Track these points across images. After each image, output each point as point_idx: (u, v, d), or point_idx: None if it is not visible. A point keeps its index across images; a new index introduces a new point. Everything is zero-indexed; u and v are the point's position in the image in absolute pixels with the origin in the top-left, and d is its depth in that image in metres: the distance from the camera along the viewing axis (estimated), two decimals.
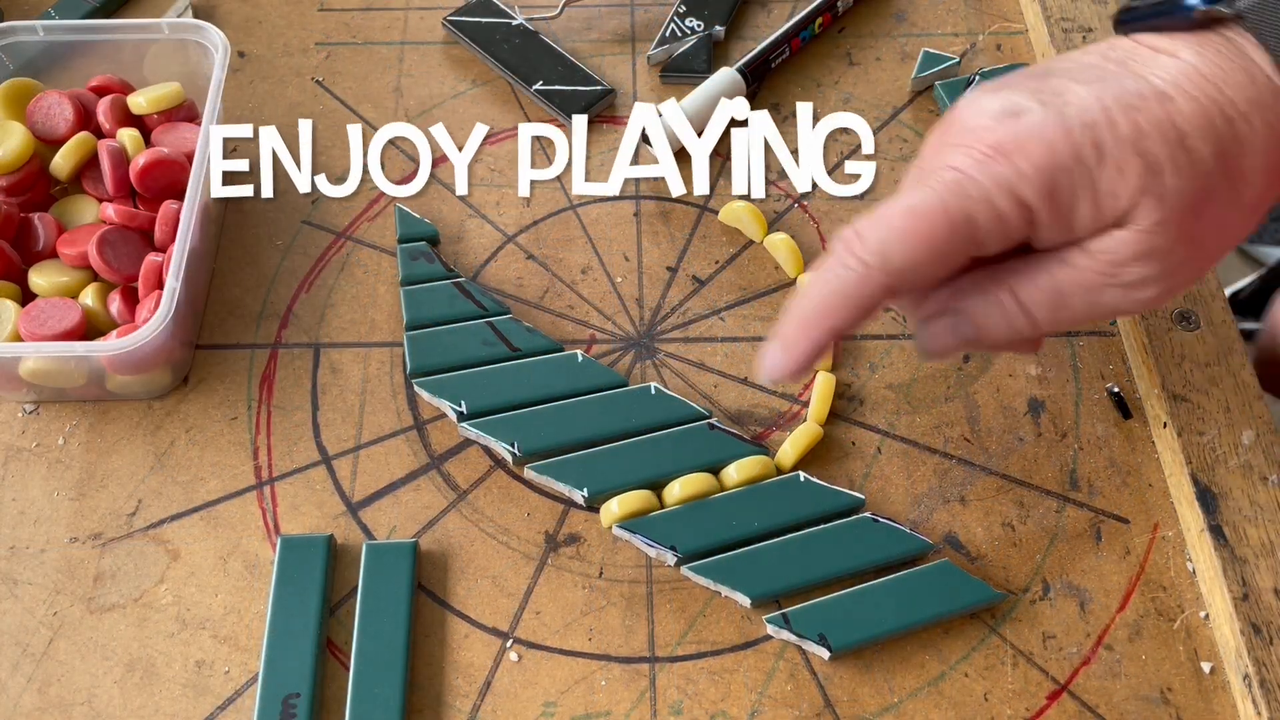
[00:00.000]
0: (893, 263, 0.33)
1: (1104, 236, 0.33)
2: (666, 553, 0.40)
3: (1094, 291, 0.34)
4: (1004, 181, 0.32)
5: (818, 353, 0.35)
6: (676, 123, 0.50)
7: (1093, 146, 0.32)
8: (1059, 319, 0.35)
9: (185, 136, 0.48)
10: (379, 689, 0.37)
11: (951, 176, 0.33)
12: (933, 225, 0.33)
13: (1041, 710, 0.38)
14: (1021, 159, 0.32)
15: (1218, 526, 0.40)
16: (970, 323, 0.35)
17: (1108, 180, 0.32)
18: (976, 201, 0.32)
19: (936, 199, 0.33)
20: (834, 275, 0.34)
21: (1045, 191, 0.32)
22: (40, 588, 0.40)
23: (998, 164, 0.32)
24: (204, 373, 0.45)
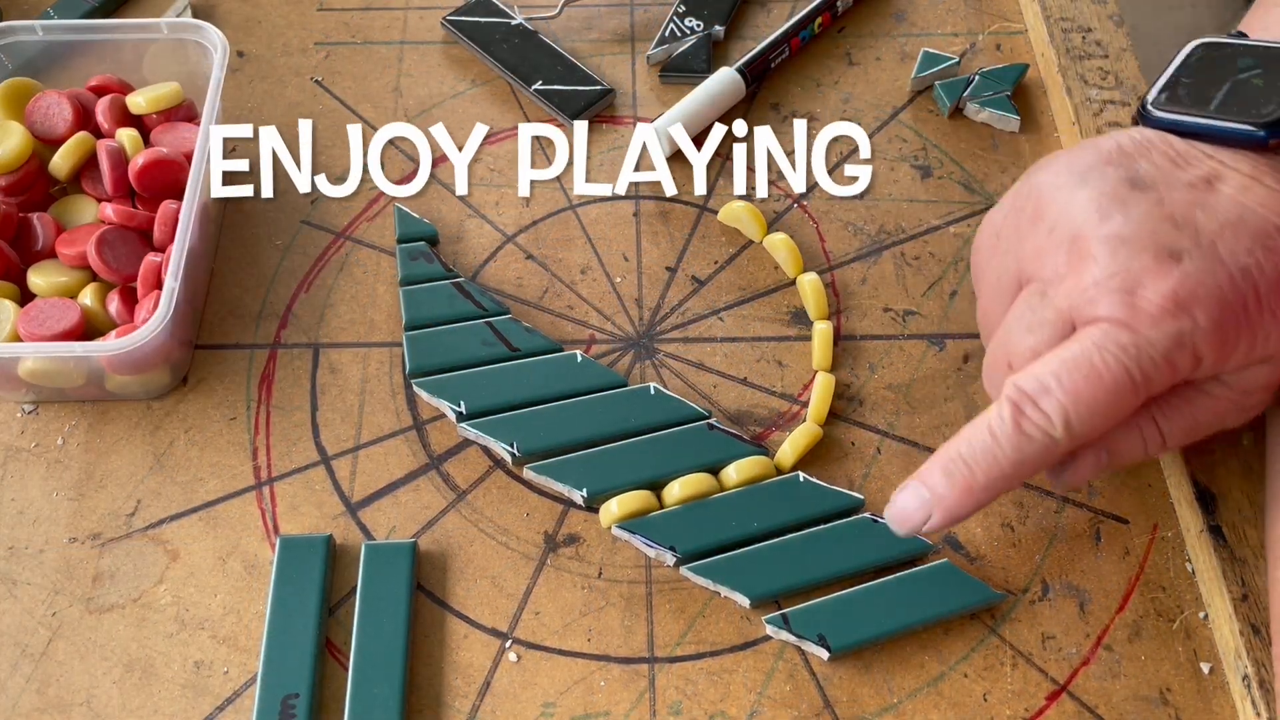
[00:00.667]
0: (1078, 433, 0.32)
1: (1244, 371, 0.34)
2: (666, 553, 0.40)
3: (1224, 416, 0.35)
4: (1186, 338, 0.32)
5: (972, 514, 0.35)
6: (677, 137, 0.50)
7: (1253, 294, 0.32)
8: (1190, 439, 0.36)
9: (184, 136, 0.48)
10: (378, 689, 0.37)
11: (1130, 339, 0.32)
12: (1119, 392, 0.32)
13: (1041, 710, 0.38)
14: (1199, 312, 0.32)
15: (1217, 527, 0.40)
16: (1109, 452, 0.35)
17: (1265, 325, 0.32)
18: (1159, 363, 0.32)
19: (1121, 367, 0.32)
20: (1012, 443, 0.33)
21: (1219, 343, 0.32)
22: (39, 588, 0.40)
23: (1177, 320, 0.32)
24: (203, 373, 0.45)
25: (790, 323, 0.47)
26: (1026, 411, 0.32)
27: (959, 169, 0.51)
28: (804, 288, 0.47)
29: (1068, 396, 0.32)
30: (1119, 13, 0.55)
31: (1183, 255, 0.32)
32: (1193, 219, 0.33)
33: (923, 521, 0.35)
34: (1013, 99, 0.52)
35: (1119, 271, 0.32)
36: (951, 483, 0.34)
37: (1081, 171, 0.35)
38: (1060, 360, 0.33)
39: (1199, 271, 0.32)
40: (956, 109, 0.53)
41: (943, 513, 0.34)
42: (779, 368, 0.46)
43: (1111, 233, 0.33)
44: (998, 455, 0.33)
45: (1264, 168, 0.34)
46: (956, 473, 0.34)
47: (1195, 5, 1.57)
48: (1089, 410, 0.32)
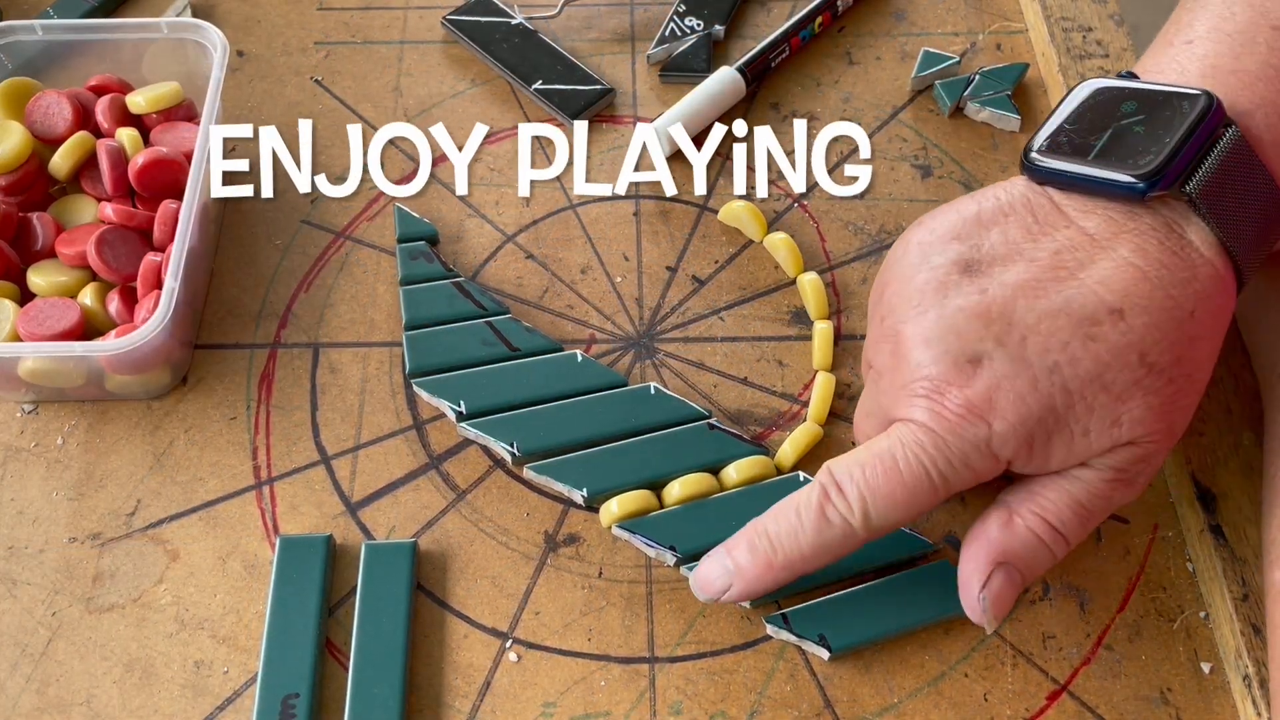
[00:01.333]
0: (874, 524, 0.34)
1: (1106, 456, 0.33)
2: (666, 553, 0.40)
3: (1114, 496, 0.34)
4: (981, 444, 0.32)
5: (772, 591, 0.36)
6: (677, 136, 0.50)
7: (1062, 392, 0.32)
8: (1085, 531, 0.35)
9: (184, 136, 0.48)
10: (378, 689, 0.37)
11: (930, 441, 0.33)
12: (918, 489, 0.33)
13: (1041, 710, 0.38)
14: (996, 419, 0.32)
15: (1217, 526, 0.40)
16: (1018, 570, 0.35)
17: (1080, 421, 0.32)
18: (956, 466, 0.33)
19: (919, 466, 0.33)
20: (814, 527, 0.34)
21: (1021, 446, 0.33)
22: (39, 588, 0.40)
23: (974, 426, 0.32)
24: (203, 372, 0.45)
25: (791, 322, 0.47)
26: (831, 497, 0.34)
27: (959, 169, 0.51)
28: (804, 287, 0.47)
29: (869, 489, 0.33)
30: (1119, 12, 0.55)
31: (983, 360, 0.32)
32: (1010, 313, 0.32)
33: (723, 590, 0.36)
34: (1013, 98, 0.52)
35: (924, 377, 0.33)
36: (754, 558, 0.35)
37: (926, 248, 0.35)
38: (868, 452, 0.34)
39: (998, 376, 0.32)
40: (957, 108, 0.53)
41: (741, 584, 0.36)
42: (779, 367, 0.46)
43: (921, 333, 0.34)
44: (799, 537, 0.35)
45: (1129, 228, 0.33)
46: (760, 548, 0.35)
47: None
48: (886, 504, 0.33)
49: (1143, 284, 0.32)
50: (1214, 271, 0.33)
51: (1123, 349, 0.32)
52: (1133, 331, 0.32)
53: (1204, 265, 0.33)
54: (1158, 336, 0.32)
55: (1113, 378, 0.32)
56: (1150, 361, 0.32)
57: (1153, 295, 0.32)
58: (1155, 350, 0.32)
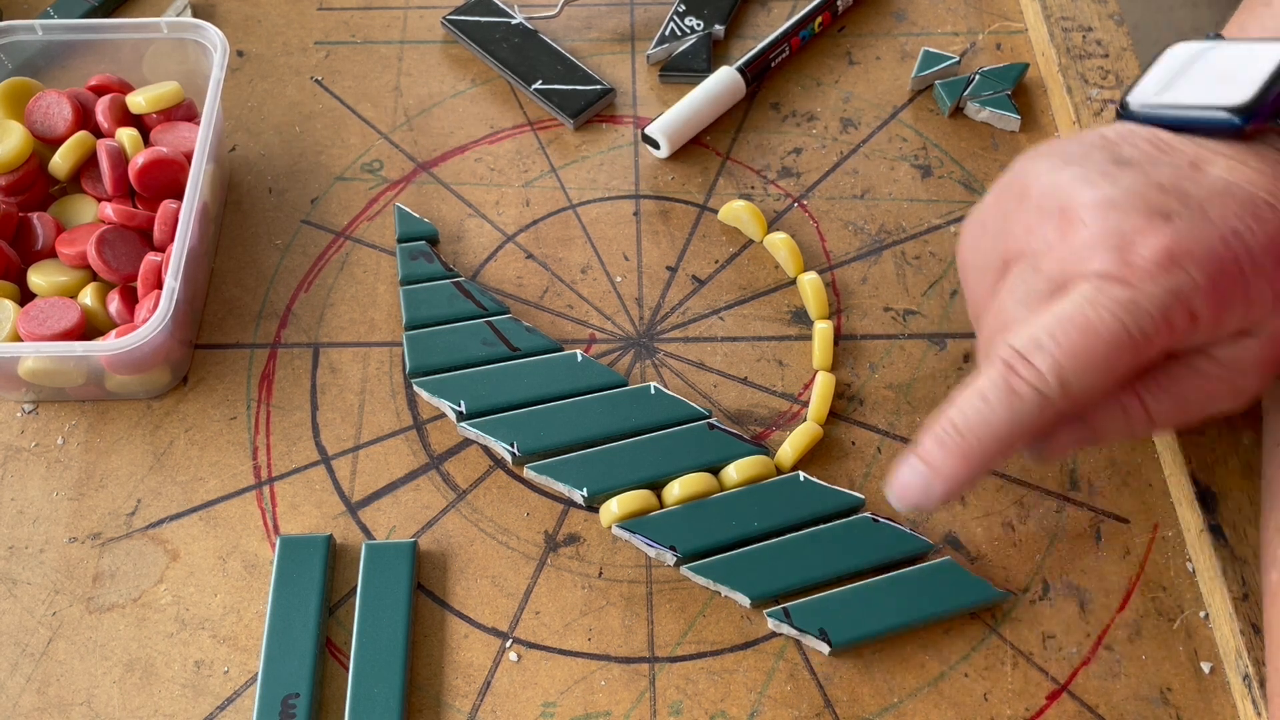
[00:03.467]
0: (1074, 389, 0.31)
1: (1232, 344, 0.33)
2: (666, 552, 0.40)
3: (1215, 397, 0.34)
4: (1181, 292, 0.31)
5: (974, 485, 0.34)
6: (678, 136, 0.50)
7: (1246, 254, 0.31)
8: (1176, 420, 0.34)
9: (184, 136, 0.48)
10: (378, 689, 0.37)
11: (1124, 293, 0.31)
12: (1115, 346, 0.31)
13: (1041, 710, 0.38)
14: (1194, 268, 0.31)
15: (1217, 526, 0.40)
16: (1091, 428, 0.34)
17: (1256, 289, 0.32)
18: (1156, 318, 0.31)
19: (1117, 321, 0.31)
20: (1004, 403, 0.31)
21: (1214, 301, 0.31)
22: (39, 588, 0.40)
23: (1172, 274, 0.31)
24: (203, 372, 0.45)
25: (791, 322, 0.47)
26: (1019, 370, 0.31)
27: (959, 168, 0.51)
28: (804, 287, 0.47)
29: (1062, 351, 0.31)
30: (1119, 12, 0.55)
31: (1173, 215, 0.32)
32: (1181, 187, 0.33)
33: (922, 494, 0.33)
34: (1013, 98, 0.52)
35: (1111, 231, 0.32)
36: (945, 451, 0.32)
37: (1066, 155, 0.35)
38: (1054, 316, 0.32)
39: (1191, 229, 0.31)
40: (957, 108, 0.53)
41: (942, 482, 0.33)
42: (779, 367, 0.46)
43: (1100, 198, 0.33)
44: (989, 418, 0.32)
45: (1246, 152, 0.34)
46: (949, 440, 0.32)
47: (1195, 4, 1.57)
48: (1084, 366, 0.31)
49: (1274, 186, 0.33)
50: None
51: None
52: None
53: None
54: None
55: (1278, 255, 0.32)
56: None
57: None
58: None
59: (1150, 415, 0.34)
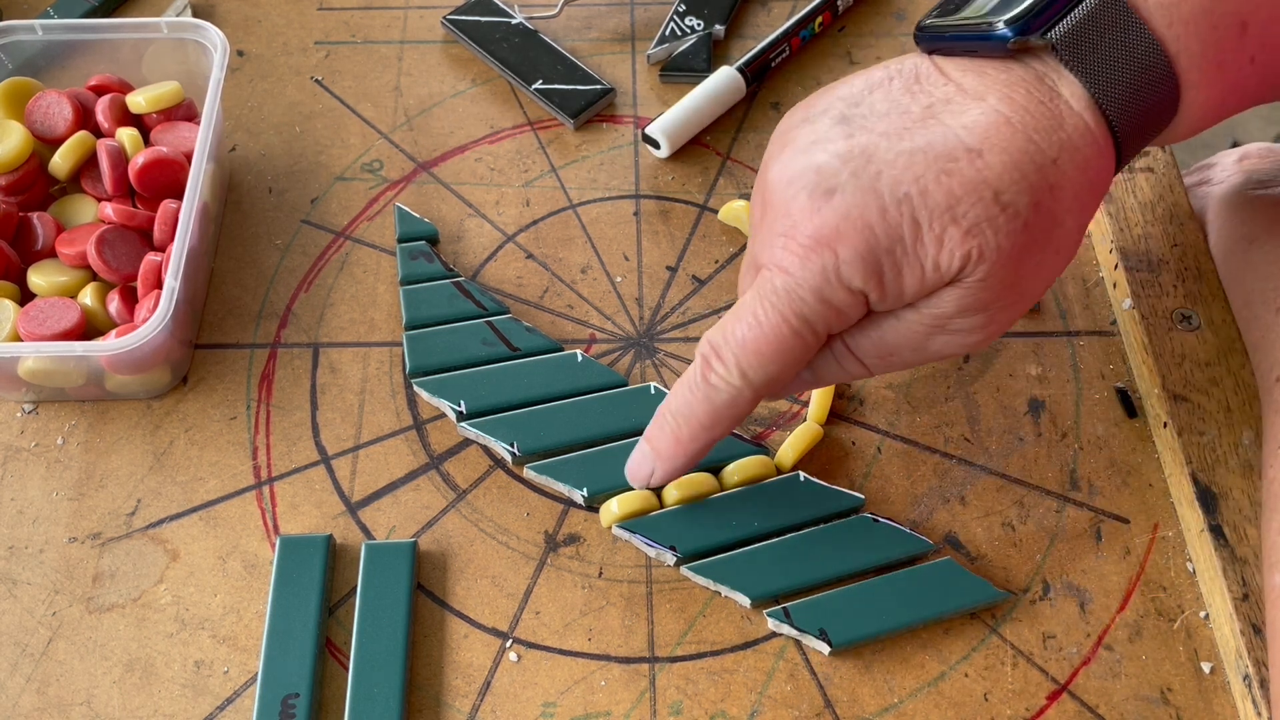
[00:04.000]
0: (755, 379, 0.35)
1: (932, 296, 0.33)
2: (666, 553, 0.40)
3: (921, 341, 0.35)
4: (830, 275, 0.33)
5: (694, 463, 0.38)
6: (678, 136, 0.50)
7: (910, 222, 0.32)
8: (889, 365, 0.36)
9: (184, 136, 0.48)
10: (378, 689, 0.37)
11: (781, 283, 0.33)
12: (780, 339, 0.34)
13: (1041, 710, 0.38)
14: (843, 248, 0.32)
15: (1218, 526, 0.40)
16: (811, 372, 0.37)
17: (929, 253, 0.32)
18: (811, 303, 0.33)
19: (776, 314, 0.33)
20: (703, 395, 0.35)
21: (871, 275, 0.33)
22: (39, 588, 0.40)
23: (821, 257, 0.32)
24: (203, 372, 0.45)
25: None
26: (712, 365, 0.35)
27: None
28: None
29: (739, 348, 0.34)
30: None
31: (835, 191, 0.32)
32: (872, 151, 0.32)
33: (648, 474, 0.39)
34: None
35: (781, 215, 0.33)
36: (662, 435, 0.37)
37: (806, 113, 0.35)
38: (732, 314, 0.35)
39: (847, 205, 0.32)
40: None
41: (661, 464, 0.38)
42: None
43: (785, 174, 0.34)
44: (695, 407, 0.36)
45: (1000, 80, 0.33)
46: (666, 426, 0.37)
47: None
48: (759, 359, 0.34)
49: (1004, 128, 0.32)
50: (1084, 125, 0.32)
51: (976, 184, 0.31)
52: (989, 169, 0.31)
53: (1073, 117, 0.32)
54: (1015, 177, 0.32)
55: (964, 211, 0.31)
56: (1005, 201, 0.32)
57: (1013, 138, 0.32)
58: (1011, 190, 0.32)
59: (862, 362, 0.36)
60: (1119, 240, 0.47)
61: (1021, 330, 0.46)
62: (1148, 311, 0.45)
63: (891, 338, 0.35)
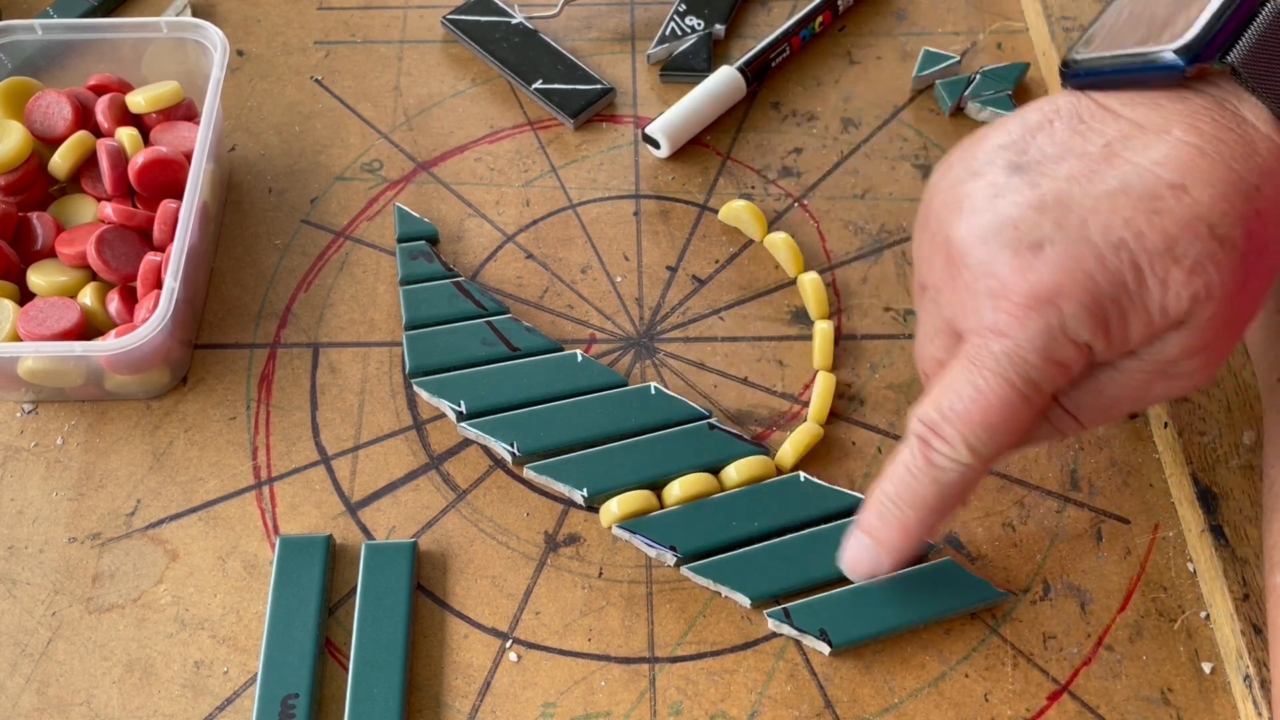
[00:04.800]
0: (984, 453, 0.32)
1: (1157, 343, 0.32)
2: (666, 553, 0.40)
3: (1143, 390, 0.33)
4: (1056, 332, 0.31)
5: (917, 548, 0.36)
6: (678, 136, 0.50)
7: (1131, 268, 0.31)
8: (1106, 418, 0.35)
9: (184, 135, 0.48)
10: (378, 689, 0.37)
11: (1001, 347, 0.31)
12: (1007, 406, 0.32)
13: (1042, 711, 0.38)
14: (1066, 302, 0.31)
15: (1218, 527, 0.40)
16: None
17: (1155, 296, 0.31)
18: (1037, 364, 0.31)
19: (999, 379, 0.32)
20: (928, 476, 0.33)
21: (1098, 326, 0.31)
22: (39, 588, 0.40)
23: (1044, 315, 0.31)
24: (203, 372, 0.45)
25: (791, 322, 0.47)
26: (933, 444, 0.33)
27: None
28: (804, 287, 0.47)
29: (962, 423, 0.32)
30: None
31: (1044, 244, 0.31)
32: (1066, 199, 0.31)
33: (873, 566, 0.36)
34: (1014, 98, 0.52)
35: (983, 275, 0.32)
36: (886, 525, 0.35)
37: (970, 159, 0.34)
38: (947, 387, 0.33)
39: (1061, 258, 0.31)
40: (958, 108, 0.53)
41: (888, 555, 0.36)
42: (780, 367, 0.46)
43: (976, 233, 0.32)
44: (919, 490, 0.34)
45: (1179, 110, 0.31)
46: (889, 514, 0.35)
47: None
48: (986, 431, 0.32)
49: (1201, 160, 0.30)
50: (1275, 147, 0.31)
51: (1189, 221, 0.30)
52: (1199, 204, 0.30)
53: (1263, 140, 0.31)
54: (1225, 208, 0.30)
55: (1183, 250, 0.30)
56: (1220, 235, 0.30)
57: (1214, 170, 0.30)
58: (1224, 223, 0.30)
59: (1078, 420, 0.35)
60: None
61: None
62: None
63: (1111, 390, 0.34)
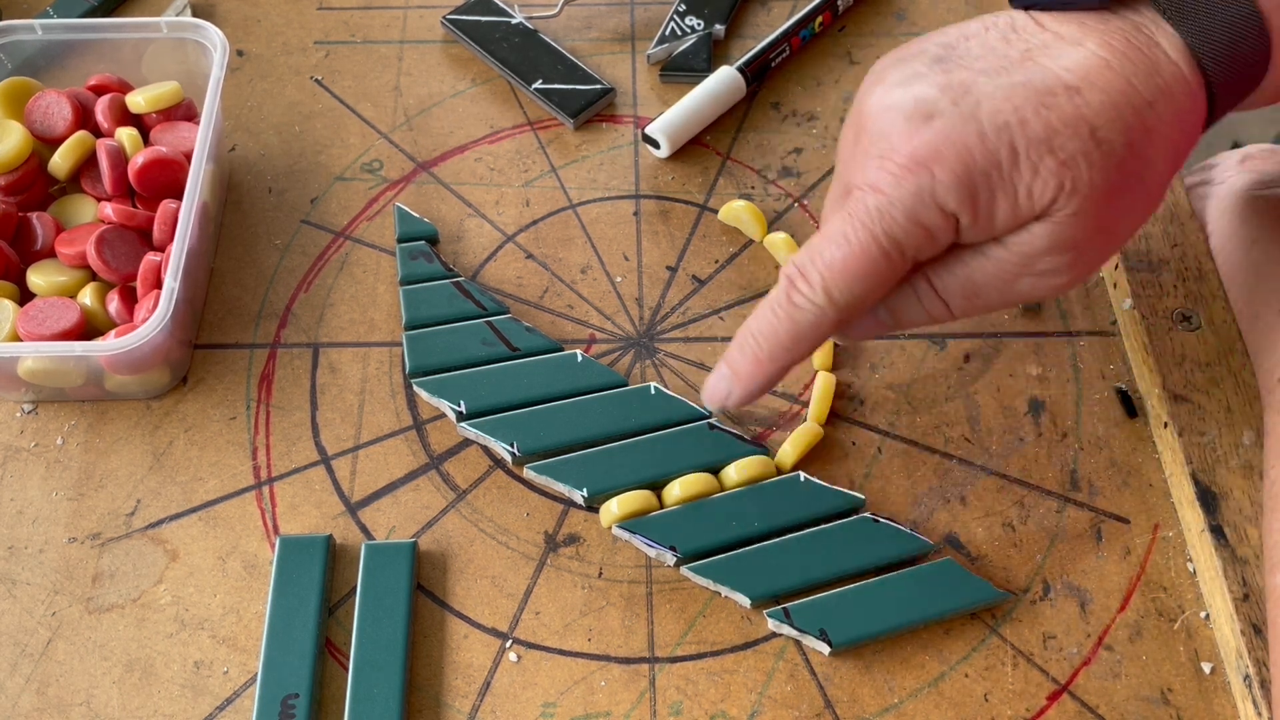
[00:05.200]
0: (839, 300, 0.34)
1: (1021, 231, 0.34)
2: (666, 553, 0.40)
3: (1008, 282, 0.35)
4: (925, 195, 0.33)
5: (771, 386, 0.37)
6: (678, 136, 0.50)
7: (1008, 149, 0.32)
8: (973, 306, 0.36)
9: (184, 136, 0.48)
10: (378, 689, 0.37)
11: (874, 202, 0.33)
12: (869, 259, 0.34)
13: (1042, 711, 0.38)
14: (940, 169, 0.33)
15: (1218, 527, 0.40)
16: (892, 314, 0.37)
17: (1024, 180, 0.32)
18: (903, 223, 0.33)
19: (867, 233, 0.33)
20: (786, 315, 0.35)
21: (965, 198, 0.33)
22: (39, 588, 0.40)
23: (917, 177, 0.33)
24: (203, 372, 0.45)
25: None
26: (798, 285, 0.35)
27: None
28: None
29: (825, 267, 0.34)
30: None
31: (935, 116, 0.33)
32: (971, 84, 0.33)
33: (724, 394, 0.38)
34: None
35: (878, 139, 0.34)
36: (743, 357, 0.37)
37: (900, 55, 0.36)
38: (820, 235, 0.35)
39: (947, 128, 0.32)
40: None
41: (740, 385, 0.37)
42: None
43: (879, 103, 0.34)
44: (777, 328, 0.36)
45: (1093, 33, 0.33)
46: (747, 347, 0.37)
47: None
48: (845, 279, 0.34)
49: (1104, 70, 0.33)
50: (1180, 75, 0.33)
51: (1075, 119, 0.32)
52: (1088, 106, 0.32)
53: (1169, 65, 0.33)
54: (1112, 115, 0.32)
55: (1061, 143, 0.32)
56: (1101, 138, 0.32)
57: (1112, 80, 0.32)
58: (1107, 128, 0.32)
59: (945, 301, 0.36)
60: None
61: (1021, 330, 0.46)
62: (1148, 311, 0.45)
63: (979, 277, 0.35)
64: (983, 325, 0.46)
